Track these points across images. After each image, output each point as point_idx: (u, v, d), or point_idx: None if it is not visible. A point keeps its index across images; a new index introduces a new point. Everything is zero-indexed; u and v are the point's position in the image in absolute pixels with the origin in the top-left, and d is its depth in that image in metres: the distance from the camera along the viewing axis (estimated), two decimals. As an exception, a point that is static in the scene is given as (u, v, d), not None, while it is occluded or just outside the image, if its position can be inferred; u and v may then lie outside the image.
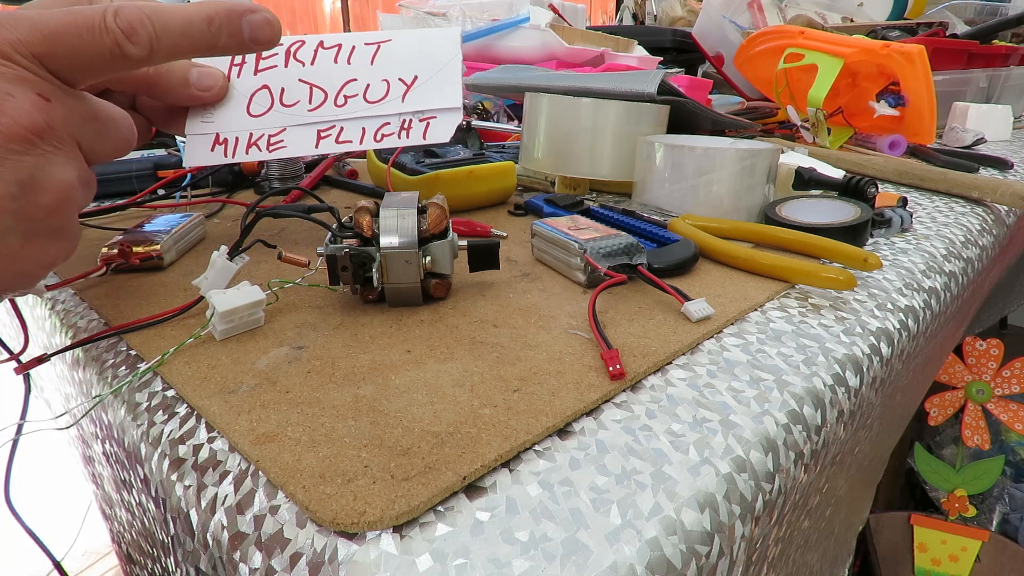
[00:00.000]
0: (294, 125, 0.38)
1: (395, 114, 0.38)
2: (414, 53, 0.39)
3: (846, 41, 0.73)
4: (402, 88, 0.39)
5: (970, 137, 0.82)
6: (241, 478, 0.22)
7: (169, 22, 0.26)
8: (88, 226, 0.48)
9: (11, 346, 0.38)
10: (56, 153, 0.24)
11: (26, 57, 0.24)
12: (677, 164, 0.47)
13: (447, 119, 0.39)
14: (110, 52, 0.25)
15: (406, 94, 0.38)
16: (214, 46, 0.28)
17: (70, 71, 0.25)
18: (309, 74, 0.39)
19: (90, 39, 0.25)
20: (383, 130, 0.38)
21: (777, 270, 0.37)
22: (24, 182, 0.23)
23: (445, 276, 0.34)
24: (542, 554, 0.19)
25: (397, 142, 0.38)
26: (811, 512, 0.32)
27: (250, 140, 0.38)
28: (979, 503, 1.18)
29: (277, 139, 0.38)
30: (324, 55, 0.39)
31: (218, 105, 0.39)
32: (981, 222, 0.53)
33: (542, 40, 0.86)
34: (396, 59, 0.39)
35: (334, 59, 0.39)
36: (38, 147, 0.24)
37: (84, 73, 0.25)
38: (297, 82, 0.39)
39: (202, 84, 0.37)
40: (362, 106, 0.38)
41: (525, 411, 0.24)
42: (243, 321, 0.31)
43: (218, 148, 0.38)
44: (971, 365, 1.19)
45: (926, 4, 1.26)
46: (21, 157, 0.23)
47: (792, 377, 0.28)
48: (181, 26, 0.26)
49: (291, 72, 0.39)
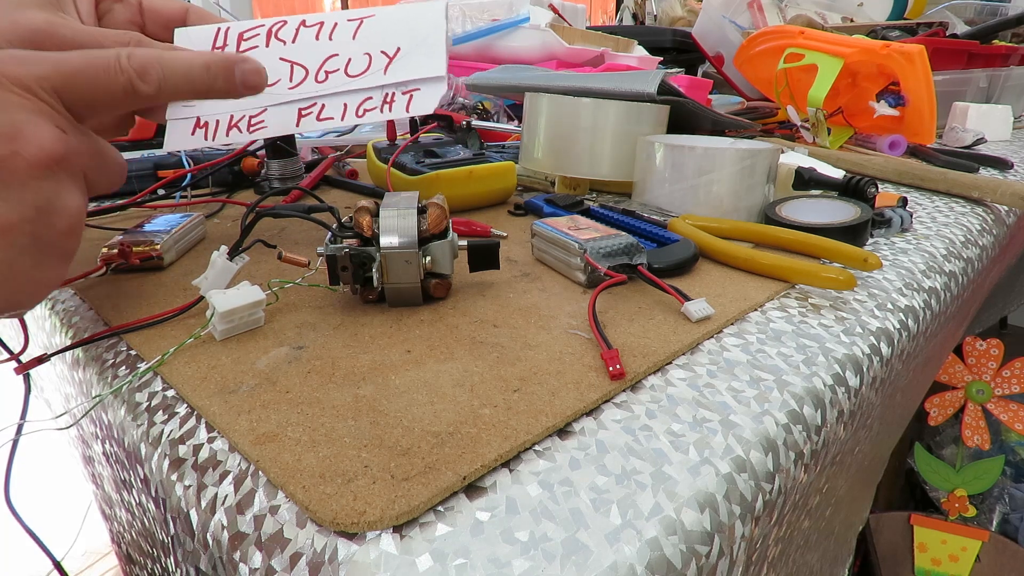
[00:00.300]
0: (274, 104, 0.37)
1: (377, 87, 0.38)
2: (397, 25, 0.38)
3: (846, 41, 0.73)
4: (384, 60, 0.38)
5: (970, 137, 0.82)
6: (241, 478, 0.22)
7: (175, 66, 0.30)
8: (88, 226, 0.48)
9: (11, 346, 0.38)
10: (71, 181, 0.27)
11: (47, 92, 0.26)
12: (677, 164, 0.47)
13: (431, 90, 0.37)
14: (123, 90, 0.28)
15: (388, 66, 0.38)
16: (211, 88, 0.32)
17: (84, 107, 0.27)
18: (290, 52, 0.38)
19: (106, 78, 0.28)
20: (365, 104, 0.37)
21: (777, 270, 0.37)
22: (42, 207, 0.25)
23: (445, 276, 0.34)
24: (542, 554, 0.19)
25: (379, 116, 0.37)
26: (811, 512, 0.32)
27: (231, 122, 0.37)
28: (979, 503, 1.18)
29: (258, 120, 0.37)
30: (305, 33, 0.38)
31: None
32: (981, 222, 0.53)
33: (542, 40, 0.86)
34: (379, 32, 0.38)
35: (315, 36, 0.38)
36: (56, 175, 0.26)
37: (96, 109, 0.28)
38: (278, 61, 0.38)
39: None
40: (343, 80, 0.38)
41: (525, 411, 0.24)
42: (243, 321, 0.31)
43: (199, 132, 0.37)
44: (971, 365, 1.19)
45: (926, 4, 1.27)
46: (41, 183, 0.25)
47: (792, 377, 0.28)
48: (184, 70, 0.30)
49: (272, 51, 0.38)
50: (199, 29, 0.39)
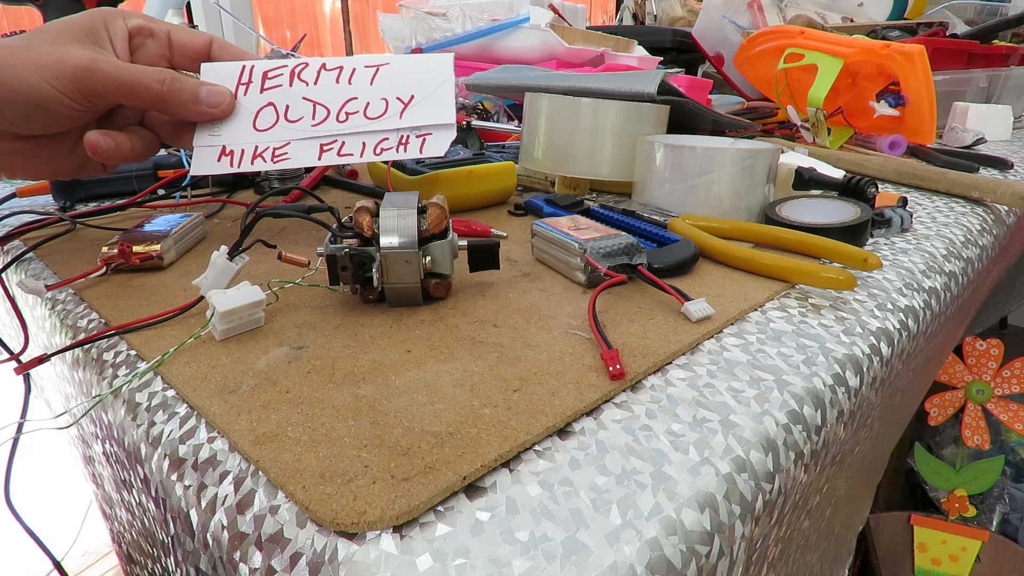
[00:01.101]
0: (298, 139, 0.40)
1: (393, 129, 0.41)
2: (410, 75, 0.42)
3: (846, 41, 0.73)
4: (400, 106, 0.41)
5: (970, 137, 0.82)
6: (241, 478, 0.22)
7: None
8: (88, 226, 0.48)
9: (11, 346, 0.38)
10: None
11: None
12: (677, 164, 0.47)
13: (442, 135, 0.41)
14: None
15: (403, 111, 0.41)
16: None
17: None
18: (312, 93, 0.41)
19: None
20: (382, 144, 0.40)
21: (777, 270, 0.37)
22: None
23: (445, 276, 0.34)
24: (542, 554, 0.19)
25: (395, 155, 0.40)
26: (811, 512, 0.32)
27: (255, 152, 0.40)
28: (979, 503, 1.18)
29: (281, 151, 0.40)
30: (326, 76, 0.42)
31: (225, 121, 0.41)
32: (981, 222, 0.53)
33: (542, 40, 0.86)
34: (394, 80, 0.42)
35: (336, 80, 0.42)
36: None
37: None
38: (301, 100, 0.41)
39: (211, 101, 0.40)
40: (362, 122, 0.41)
41: (525, 411, 0.24)
42: (243, 321, 0.31)
43: (224, 158, 0.40)
44: (971, 365, 1.19)
45: (926, 4, 1.27)
46: None
47: (792, 377, 0.28)
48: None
49: (295, 91, 0.41)
50: (225, 65, 0.42)
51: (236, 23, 1.12)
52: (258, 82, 0.42)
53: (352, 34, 3.64)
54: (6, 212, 0.50)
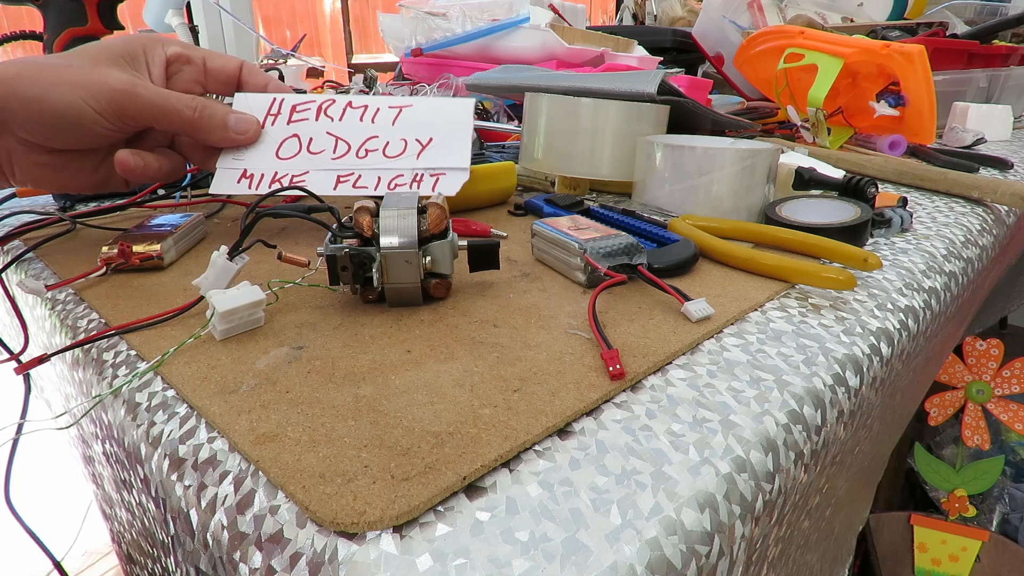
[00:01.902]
0: (317, 169, 0.42)
1: (409, 168, 0.42)
2: (432, 118, 0.44)
3: (846, 41, 0.73)
4: (418, 147, 0.43)
5: (970, 137, 0.82)
6: (241, 478, 0.22)
7: None
8: (88, 226, 0.48)
9: (11, 346, 0.38)
10: None
11: None
12: (677, 164, 0.47)
13: (455, 176, 0.43)
14: None
15: (421, 152, 0.43)
16: None
17: None
18: (336, 128, 0.43)
19: None
20: (397, 180, 0.42)
21: (777, 270, 0.37)
22: None
23: (445, 276, 0.34)
24: (542, 554, 0.19)
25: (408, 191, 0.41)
26: (811, 512, 0.32)
27: (275, 177, 0.42)
28: (979, 503, 1.18)
29: (300, 179, 0.42)
30: (351, 113, 0.44)
31: (250, 147, 0.43)
32: (981, 222, 0.53)
33: (542, 40, 0.86)
34: (415, 122, 0.44)
35: (360, 118, 0.44)
36: None
37: None
38: (325, 134, 0.43)
39: (239, 128, 0.42)
40: (381, 160, 0.43)
41: (525, 411, 0.24)
42: (243, 321, 0.31)
43: (244, 180, 0.42)
44: (971, 365, 1.19)
45: (926, 4, 1.27)
46: None
47: (792, 377, 0.28)
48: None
49: (320, 125, 0.44)
50: (257, 96, 0.45)
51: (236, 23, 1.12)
52: (286, 114, 0.44)
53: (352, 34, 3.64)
54: (6, 212, 0.50)
